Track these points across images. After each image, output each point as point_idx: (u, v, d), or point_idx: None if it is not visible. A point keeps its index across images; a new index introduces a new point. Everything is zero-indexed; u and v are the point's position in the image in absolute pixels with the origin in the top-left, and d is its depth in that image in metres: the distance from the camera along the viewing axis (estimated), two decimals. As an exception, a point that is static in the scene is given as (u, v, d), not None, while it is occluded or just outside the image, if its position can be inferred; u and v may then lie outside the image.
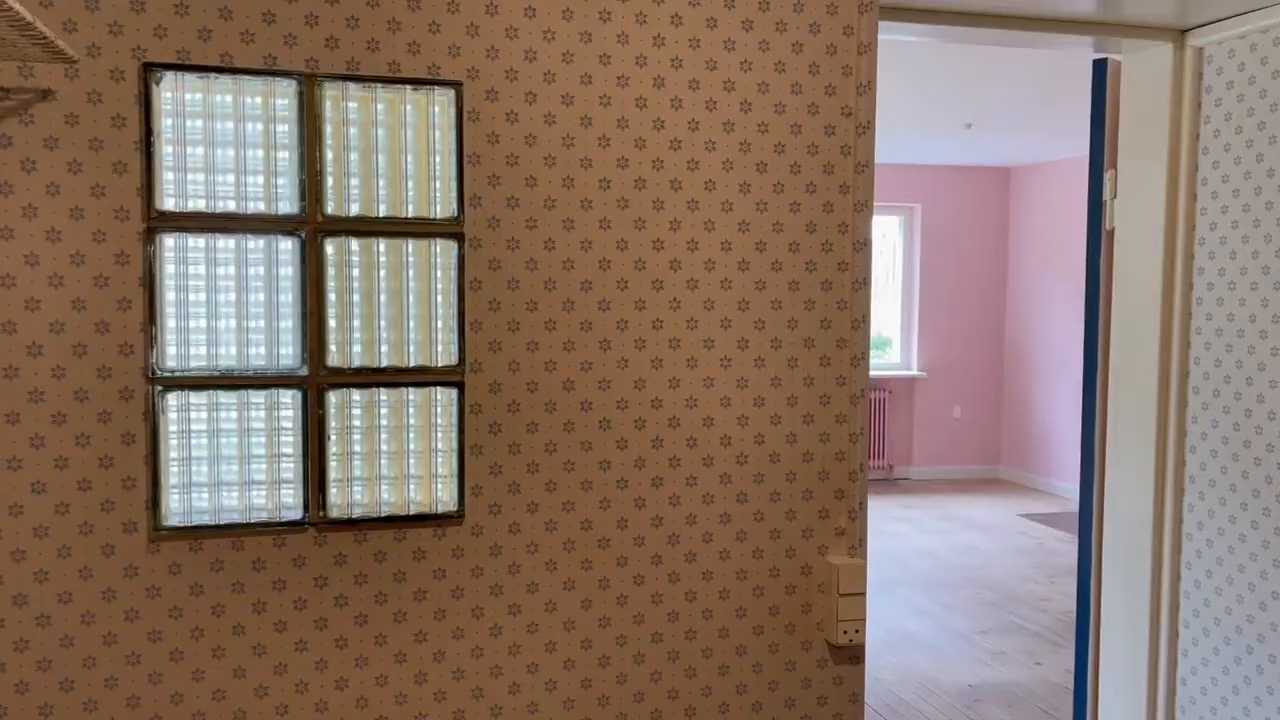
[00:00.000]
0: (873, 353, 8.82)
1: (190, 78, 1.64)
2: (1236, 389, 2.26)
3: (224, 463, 1.69)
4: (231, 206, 1.67)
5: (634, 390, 1.83)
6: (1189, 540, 2.39)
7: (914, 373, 9.10)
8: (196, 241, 1.66)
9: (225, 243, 1.68)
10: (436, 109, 1.73)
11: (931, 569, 6.24)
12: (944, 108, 6.25)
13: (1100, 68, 2.64)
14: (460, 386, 1.76)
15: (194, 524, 1.68)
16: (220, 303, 1.68)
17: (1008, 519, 7.61)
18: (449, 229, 1.74)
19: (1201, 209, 2.36)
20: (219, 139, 1.67)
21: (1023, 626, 5.17)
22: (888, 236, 9.33)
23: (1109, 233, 2.63)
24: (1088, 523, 2.72)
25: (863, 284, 1.93)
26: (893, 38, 2.30)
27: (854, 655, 1.97)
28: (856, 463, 1.95)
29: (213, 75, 1.64)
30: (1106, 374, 2.65)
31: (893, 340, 9.30)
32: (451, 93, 1.73)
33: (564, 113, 1.77)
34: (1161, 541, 2.45)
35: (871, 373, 8.47)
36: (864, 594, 1.93)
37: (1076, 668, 2.79)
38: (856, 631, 1.92)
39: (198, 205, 1.66)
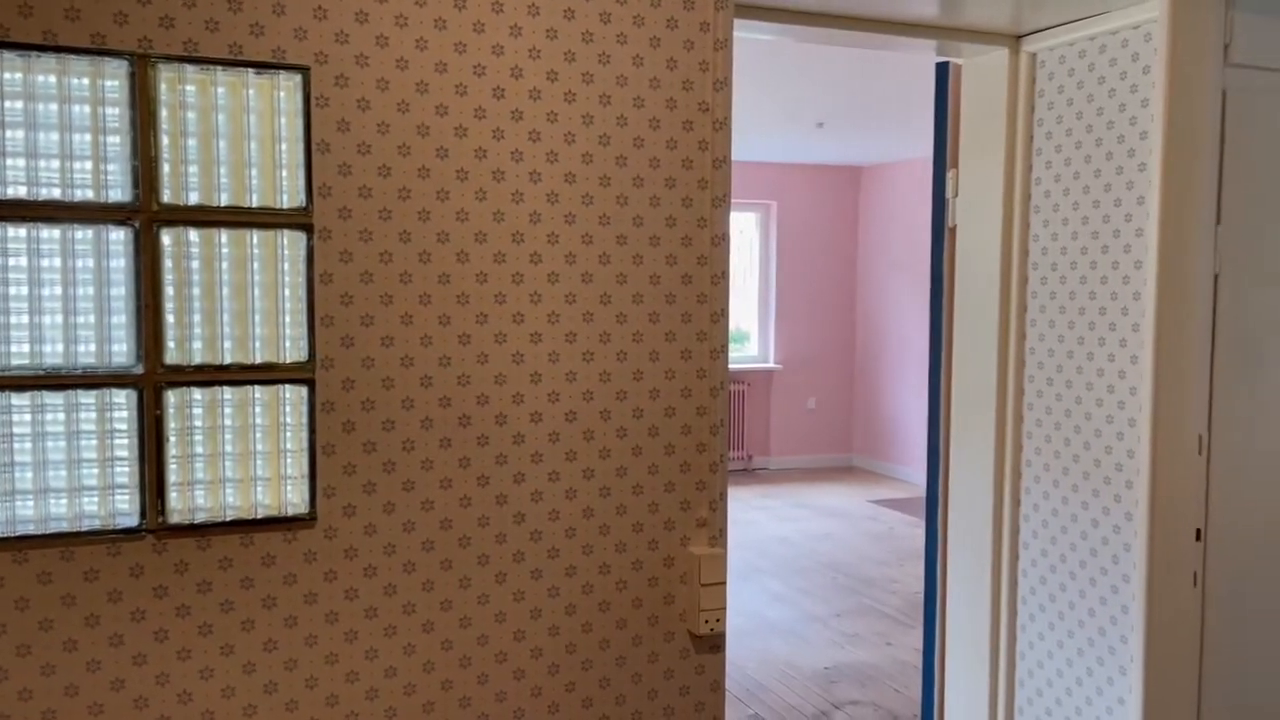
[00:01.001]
0: (732, 346, 8.99)
1: (9, 56, 1.52)
2: (1068, 378, 2.40)
3: (51, 468, 1.58)
4: (57, 194, 1.56)
5: (494, 385, 1.81)
6: (1026, 521, 2.53)
7: (771, 365, 9.32)
8: (17, 231, 1.55)
9: (50, 233, 1.56)
10: (282, 94, 1.66)
11: (789, 556, 6.40)
12: (797, 107, 6.41)
13: (943, 70, 2.76)
14: (311, 384, 1.69)
15: (17, 534, 1.56)
16: (45, 297, 1.57)
17: (860, 506, 7.89)
18: (297, 220, 1.67)
19: (1035, 207, 2.49)
20: (42, 122, 1.55)
21: (875, 608, 5.36)
22: (745, 233, 9.51)
23: (951, 229, 2.75)
24: (934, 507, 2.84)
25: (721, 278, 1.95)
26: (747, 35, 2.34)
27: (715, 644, 1.99)
28: (717, 454, 1.97)
29: (34, 54, 1.53)
30: (950, 365, 2.77)
31: (750, 334, 9.50)
32: (298, 77, 1.66)
33: (419, 101, 1.73)
34: (1001, 523, 2.58)
35: (732, 366, 8.64)
36: (724, 583, 1.96)
37: (925, 646, 2.91)
38: (718, 620, 1.94)
39: (18, 193, 1.54)
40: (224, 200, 1.64)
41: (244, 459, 1.67)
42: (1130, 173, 2.23)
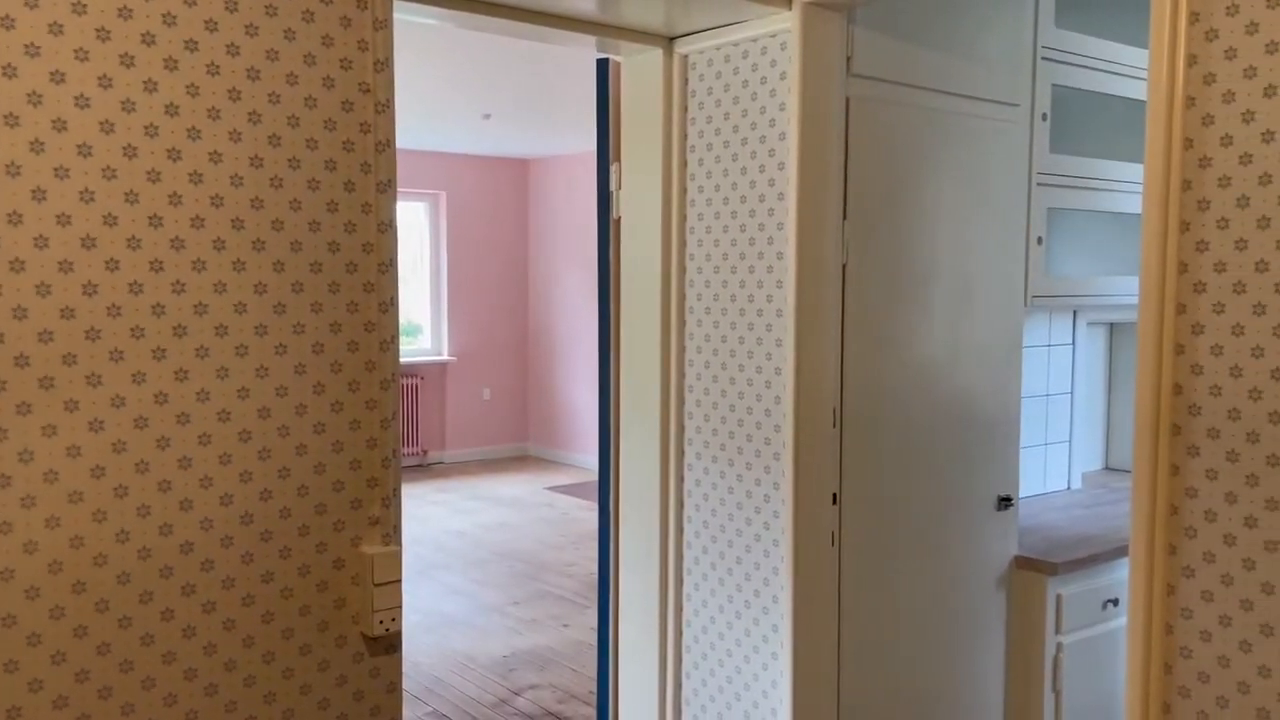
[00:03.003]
0: (404, 339, 8.79)
1: None
2: (723, 360, 2.57)
3: None
4: None
5: (133, 385, 1.63)
6: (689, 497, 2.68)
7: (445, 358, 9.21)
8: None
9: None
10: None
11: (465, 548, 6.37)
12: (465, 98, 6.36)
13: (603, 67, 2.84)
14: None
15: None
16: None
17: (536, 493, 8.00)
18: None
19: (691, 201, 2.64)
20: None
21: (551, 593, 5.46)
22: (414, 223, 9.31)
23: (616, 221, 2.85)
24: (605, 489, 2.94)
25: (390, 266, 1.89)
26: (410, 19, 2.28)
27: (390, 644, 1.93)
28: (389, 449, 1.91)
29: None
30: (619, 352, 2.87)
31: (423, 326, 9.33)
32: None
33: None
34: (667, 499, 2.72)
35: (404, 359, 8.44)
36: (399, 581, 1.90)
37: (599, 624, 3.01)
38: (393, 620, 1.88)
39: None
40: None
41: None
42: (772, 171, 2.42)
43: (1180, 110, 1.61)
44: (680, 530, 2.71)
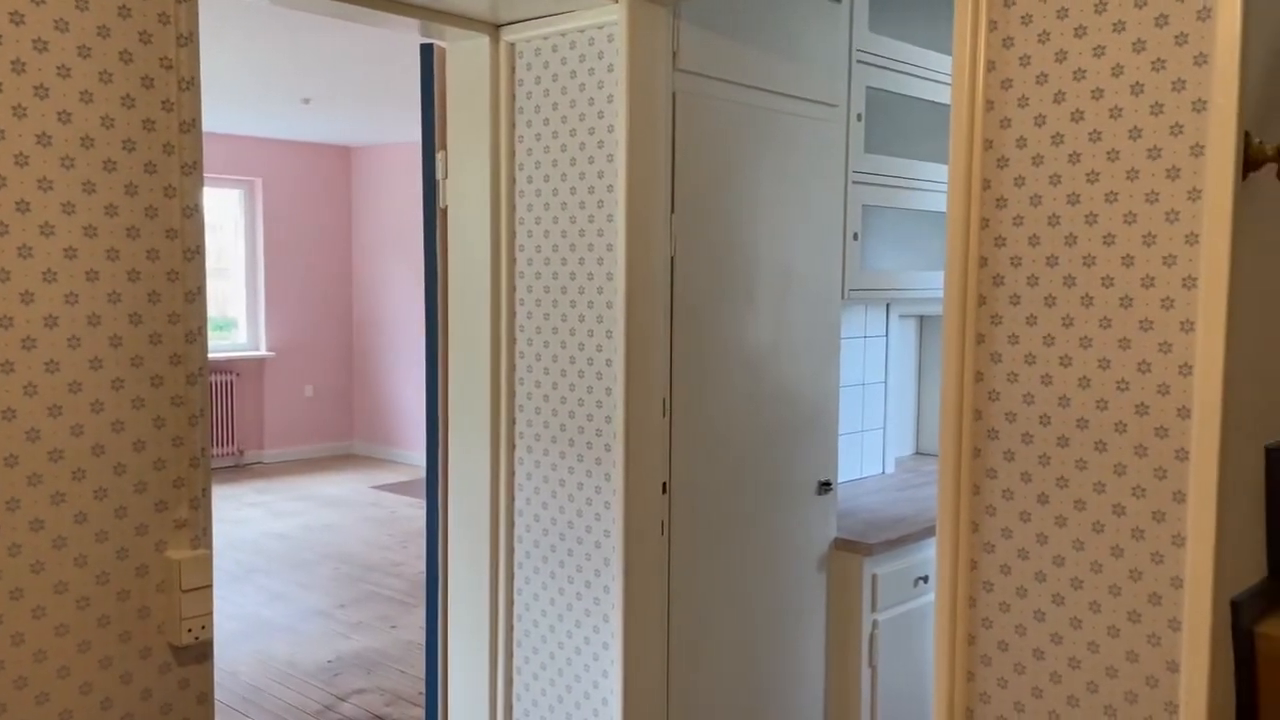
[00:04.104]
0: (218, 334, 8.34)
1: None
2: (554, 352, 2.56)
3: None
4: None
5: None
6: (520, 490, 2.66)
7: (263, 353, 8.82)
8: None
9: None
10: None
11: (287, 551, 6.12)
12: (282, 80, 6.09)
13: (428, 52, 2.78)
14: None
15: None
16: None
17: (362, 492, 7.77)
18: None
19: (520, 192, 2.61)
20: None
21: (378, 594, 5.32)
22: (228, 211, 8.87)
23: (443, 211, 2.79)
24: (434, 485, 2.88)
25: (196, 253, 1.78)
26: (219, -8, 2.16)
27: (201, 653, 1.83)
28: (198, 447, 1.80)
29: None
30: (447, 345, 2.81)
31: (238, 320, 8.90)
32: None
33: None
34: (498, 493, 2.69)
35: (217, 355, 8.01)
36: (210, 587, 1.80)
37: (428, 623, 2.94)
38: (203, 628, 1.78)
39: None
40: None
41: None
42: (600, 163, 2.43)
43: (980, 113, 1.71)
44: (511, 525, 2.69)
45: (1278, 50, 1.67)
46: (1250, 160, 1.50)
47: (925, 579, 3.10)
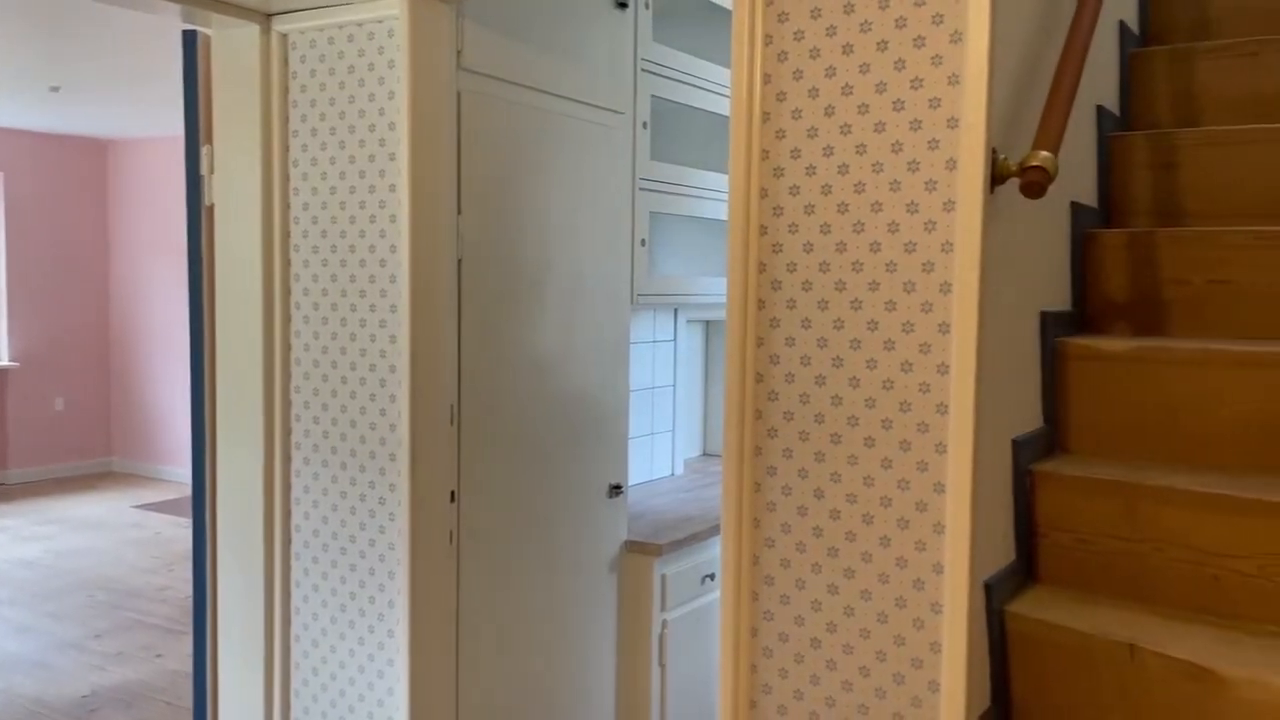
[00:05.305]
0: (-52, 342, 7.50)
1: None
2: (334, 359, 2.45)
3: None
4: None
5: None
6: (297, 505, 2.52)
7: (4, 363, 8.03)
8: None
9: None
10: None
11: (36, 580, 5.59)
12: (27, 65, 5.57)
13: (191, 40, 2.60)
14: None
15: None
16: None
17: (122, 513, 7.20)
18: None
19: (295, 189, 2.48)
20: None
21: (141, 621, 4.94)
22: (-39, 206, 8.03)
23: (209, 209, 2.62)
24: (201, 504, 2.69)
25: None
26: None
27: (-78, 700, 1.62)
28: (-87, 467, 1.60)
29: None
30: (214, 352, 2.64)
31: (-26, 326, 8.05)
32: None
33: None
34: (272, 510, 2.54)
35: (-52, 365, 7.19)
36: (-68, 624, 1.60)
37: (195, 649, 2.75)
38: (-76, 671, 1.58)
39: None
40: None
41: None
42: (382, 161, 2.35)
43: (758, 124, 1.77)
44: (288, 541, 2.55)
45: (1021, 74, 1.82)
46: (996, 175, 1.62)
47: (712, 576, 3.18)
